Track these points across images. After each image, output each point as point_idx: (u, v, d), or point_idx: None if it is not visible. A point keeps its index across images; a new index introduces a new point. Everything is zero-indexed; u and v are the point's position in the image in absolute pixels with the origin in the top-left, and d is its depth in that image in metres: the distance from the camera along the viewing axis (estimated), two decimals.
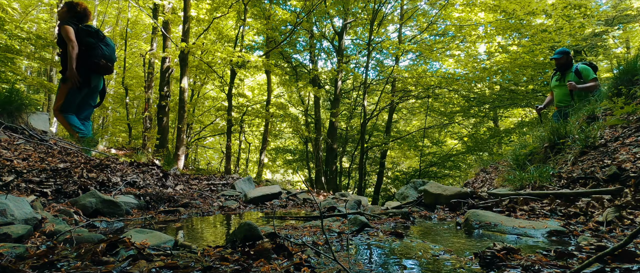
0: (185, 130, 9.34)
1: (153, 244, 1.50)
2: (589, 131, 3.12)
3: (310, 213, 3.08)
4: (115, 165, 3.64)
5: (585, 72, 4.61)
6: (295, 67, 13.96)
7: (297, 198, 4.10)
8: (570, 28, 8.78)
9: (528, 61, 9.65)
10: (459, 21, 11.54)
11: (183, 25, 8.72)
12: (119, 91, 16.10)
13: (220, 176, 5.39)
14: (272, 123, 13.44)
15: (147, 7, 10.60)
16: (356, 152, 14.01)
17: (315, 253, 1.41)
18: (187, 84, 8.80)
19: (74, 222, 2.11)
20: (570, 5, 8.64)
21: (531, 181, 2.86)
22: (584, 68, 4.64)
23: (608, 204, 2.05)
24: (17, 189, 2.39)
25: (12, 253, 1.33)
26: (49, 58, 10.06)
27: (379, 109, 13.34)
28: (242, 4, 9.14)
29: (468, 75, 11.09)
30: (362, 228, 1.99)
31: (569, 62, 4.80)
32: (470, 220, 2.04)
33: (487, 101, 12.09)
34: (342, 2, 10.94)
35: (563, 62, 4.81)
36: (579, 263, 1.15)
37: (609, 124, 3.10)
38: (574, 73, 4.67)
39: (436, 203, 2.88)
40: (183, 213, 2.87)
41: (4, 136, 3.34)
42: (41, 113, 4.32)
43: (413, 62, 13.90)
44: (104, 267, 1.15)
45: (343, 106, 14.55)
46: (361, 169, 12.26)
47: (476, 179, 4.53)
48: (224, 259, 1.30)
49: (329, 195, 5.75)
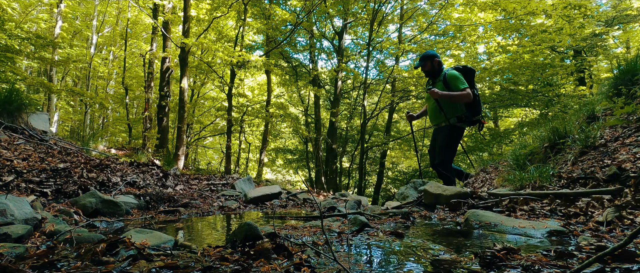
0: (185, 130, 9.34)
1: (153, 244, 1.50)
2: (589, 131, 3.12)
3: (310, 213, 3.08)
4: (115, 165, 3.64)
5: (452, 81, 3.68)
6: (295, 67, 13.97)
7: (297, 198, 4.10)
8: (570, 28, 8.78)
9: (528, 61, 9.65)
10: (458, 21, 11.54)
11: (183, 25, 8.72)
12: (119, 91, 16.11)
13: (220, 176, 5.39)
14: (272, 123, 13.45)
15: (147, 7, 10.60)
16: (356, 152, 14.01)
17: (315, 253, 1.41)
18: (187, 84, 8.81)
19: (74, 222, 2.11)
20: (570, 5, 8.64)
21: (531, 181, 2.86)
22: (451, 76, 3.70)
23: (608, 204, 2.05)
24: (17, 189, 2.39)
25: (12, 253, 1.33)
26: (49, 58, 10.06)
27: (379, 109, 13.34)
28: (242, 3, 9.14)
29: None
30: (362, 228, 1.99)
31: (435, 69, 3.86)
32: (470, 220, 2.04)
33: (487, 101, 12.09)
34: (342, 2, 10.95)
35: (428, 69, 3.88)
36: (579, 263, 1.15)
37: (609, 124, 3.10)
38: (442, 82, 3.75)
39: (436, 203, 2.88)
40: (183, 213, 2.87)
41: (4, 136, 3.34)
42: (41, 113, 4.32)
43: (413, 62, 13.90)
44: (104, 267, 1.15)
45: (343, 106, 14.55)
46: (361, 169, 12.26)
47: (476, 179, 4.52)
48: (224, 259, 1.30)
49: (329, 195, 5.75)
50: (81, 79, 15.51)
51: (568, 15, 8.84)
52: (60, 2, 11.70)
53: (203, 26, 10.09)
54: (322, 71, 14.52)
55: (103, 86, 17.22)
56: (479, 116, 3.84)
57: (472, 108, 3.75)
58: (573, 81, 10.41)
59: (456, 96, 3.62)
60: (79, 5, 15.21)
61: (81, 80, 15.60)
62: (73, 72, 16.58)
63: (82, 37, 16.30)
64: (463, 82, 3.64)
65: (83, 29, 15.18)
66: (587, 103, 4.25)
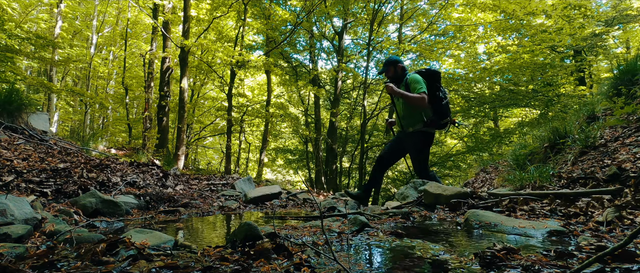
0: (185, 130, 9.34)
1: (153, 244, 1.50)
2: (589, 131, 3.12)
3: (310, 213, 3.08)
4: (115, 165, 3.64)
5: (411, 85, 3.57)
6: (295, 67, 13.96)
7: (297, 198, 4.10)
8: (570, 28, 8.78)
9: (528, 61, 9.65)
10: (458, 21, 11.54)
11: (183, 25, 8.72)
12: (119, 91, 16.11)
13: (220, 176, 5.39)
14: (272, 122, 13.46)
15: (147, 7, 10.60)
16: (356, 152, 14.00)
17: (315, 253, 1.41)
18: (187, 84, 8.81)
19: (74, 222, 2.11)
20: (570, 5, 8.64)
21: (531, 181, 2.86)
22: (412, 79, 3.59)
23: (608, 204, 2.05)
24: (17, 189, 2.39)
25: (12, 253, 1.33)
26: (49, 58, 10.06)
27: (379, 109, 13.34)
28: (242, 3, 9.14)
29: (468, 75, 11.10)
30: (362, 228, 1.99)
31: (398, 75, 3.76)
32: (470, 220, 2.04)
33: (487, 101, 12.09)
34: (342, 2, 10.95)
35: (392, 75, 3.79)
36: (579, 263, 1.15)
37: (609, 124, 3.10)
38: (404, 86, 3.66)
39: (436, 203, 2.88)
40: (183, 213, 2.87)
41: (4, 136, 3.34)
42: (41, 113, 4.32)
43: (413, 62, 13.91)
44: (104, 267, 1.15)
45: (343, 106, 14.55)
46: (361, 169, 12.25)
47: (476, 179, 4.52)
48: (224, 259, 1.30)
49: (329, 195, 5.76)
50: (81, 79, 15.52)
51: (568, 15, 8.85)
52: (60, 2, 11.70)
53: (203, 26, 10.09)
54: (322, 71, 14.52)
55: (103, 86, 17.23)
56: (447, 119, 3.69)
57: (438, 111, 3.62)
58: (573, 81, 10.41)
59: (410, 97, 3.51)
60: (79, 5, 15.21)
61: (81, 80, 15.61)
62: (73, 72, 16.59)
63: (82, 37, 16.30)
64: (422, 86, 3.53)
65: (83, 29, 15.19)
66: (587, 103, 4.24)
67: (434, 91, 3.60)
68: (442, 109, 3.63)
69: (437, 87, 3.65)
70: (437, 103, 3.60)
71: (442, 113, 3.63)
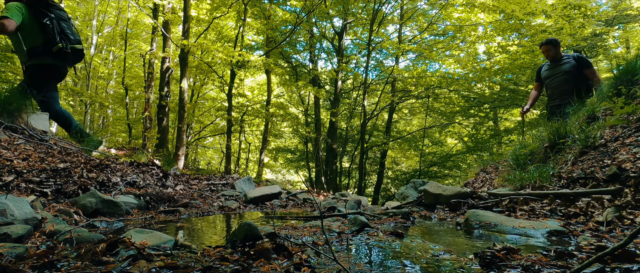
0: (185, 130, 9.34)
1: (153, 244, 1.49)
2: (589, 131, 3.12)
3: (310, 213, 3.08)
4: (115, 165, 3.64)
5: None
6: (295, 67, 13.96)
7: (297, 198, 4.10)
8: (570, 28, 8.78)
9: (528, 61, 9.65)
10: (458, 21, 11.54)
11: (183, 25, 8.72)
12: (119, 91, 16.11)
13: (220, 176, 5.39)
14: (272, 122, 13.46)
15: (147, 7, 10.60)
16: (356, 152, 14.01)
17: (315, 253, 1.41)
18: (187, 84, 8.81)
19: (74, 222, 2.11)
20: (570, 5, 8.64)
21: (531, 181, 2.86)
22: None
23: (608, 204, 2.05)
24: (17, 189, 2.39)
25: (12, 253, 1.33)
26: None
27: (379, 109, 13.34)
28: (242, 3, 9.14)
29: (468, 75, 11.11)
30: (362, 228, 1.99)
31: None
32: (470, 220, 2.04)
33: (487, 101, 12.10)
34: (342, 2, 10.94)
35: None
36: (579, 263, 1.15)
37: (609, 124, 3.10)
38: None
39: (436, 203, 2.88)
40: (183, 213, 2.87)
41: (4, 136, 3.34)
42: (41, 113, 4.31)
43: (413, 62, 13.91)
44: (104, 267, 1.15)
45: (343, 106, 14.56)
46: (361, 169, 12.26)
47: (476, 179, 4.52)
48: (224, 259, 1.30)
49: (329, 195, 5.76)
50: (81, 79, 15.50)
51: (568, 15, 8.85)
52: (60, 2, 11.70)
53: (203, 26, 10.09)
54: (322, 71, 14.51)
55: (103, 86, 17.22)
56: (58, 47, 3.25)
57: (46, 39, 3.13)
58: None
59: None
60: (79, 5, 15.21)
61: (81, 80, 15.60)
62: (73, 72, 16.56)
63: (82, 37, 16.29)
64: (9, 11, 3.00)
65: (83, 29, 15.18)
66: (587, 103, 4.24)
67: (42, 18, 3.09)
68: (48, 35, 3.16)
69: (44, 13, 3.12)
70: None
71: (48, 40, 3.18)
